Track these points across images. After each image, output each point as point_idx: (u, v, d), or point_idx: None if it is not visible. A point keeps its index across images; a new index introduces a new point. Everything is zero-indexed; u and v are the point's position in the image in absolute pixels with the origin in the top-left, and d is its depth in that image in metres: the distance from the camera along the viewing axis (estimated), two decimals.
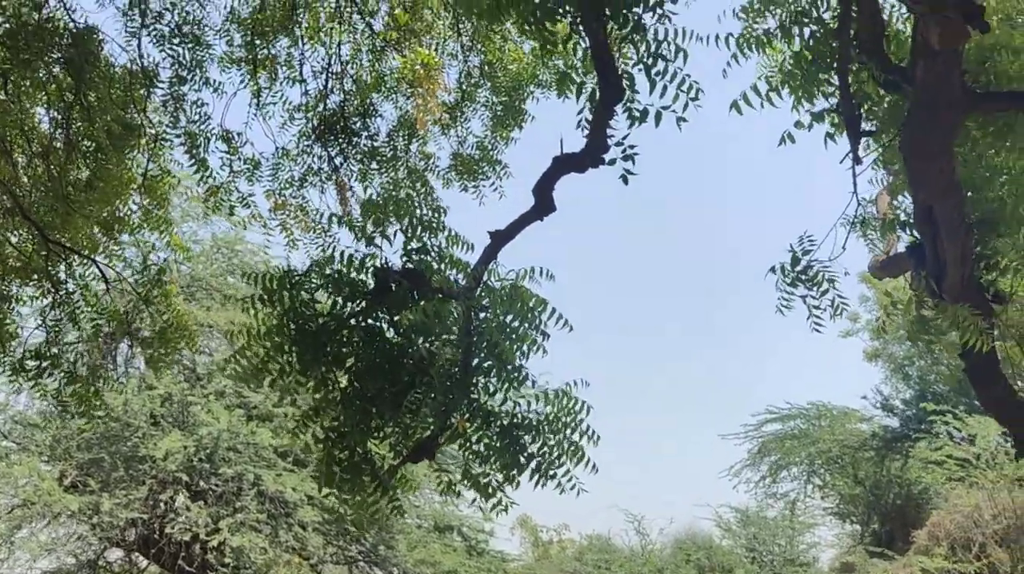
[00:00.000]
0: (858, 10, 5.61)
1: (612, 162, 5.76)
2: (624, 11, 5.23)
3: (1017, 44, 5.94)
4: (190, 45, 9.52)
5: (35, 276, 9.58)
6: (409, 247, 6.03)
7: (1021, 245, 6.57)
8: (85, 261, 9.64)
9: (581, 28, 5.39)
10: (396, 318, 5.96)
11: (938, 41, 4.73)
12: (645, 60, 5.44)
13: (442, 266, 6.02)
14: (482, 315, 5.82)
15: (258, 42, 10.11)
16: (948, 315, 5.86)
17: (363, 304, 6.00)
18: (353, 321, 5.99)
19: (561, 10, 5.25)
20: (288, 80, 10.50)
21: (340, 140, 10.48)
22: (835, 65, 5.88)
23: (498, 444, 5.78)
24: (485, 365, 5.77)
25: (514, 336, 5.71)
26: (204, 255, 24.33)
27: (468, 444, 5.83)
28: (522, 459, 5.73)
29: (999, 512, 19.63)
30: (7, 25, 8.95)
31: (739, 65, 6.04)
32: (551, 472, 5.67)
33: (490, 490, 5.82)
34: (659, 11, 5.29)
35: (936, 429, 25.02)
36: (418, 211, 6.05)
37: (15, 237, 9.70)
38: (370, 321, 6.01)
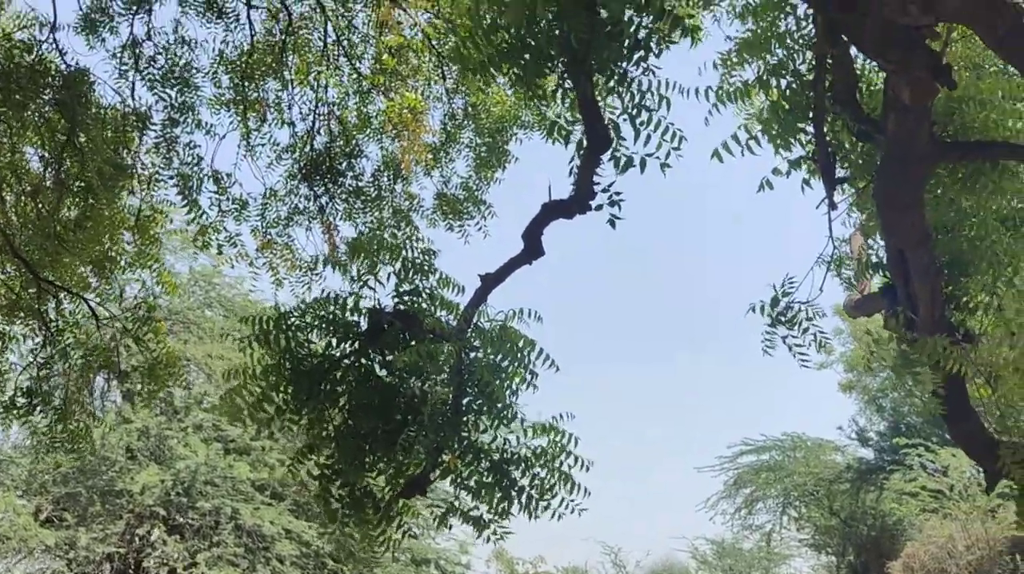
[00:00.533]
0: (832, 63, 5.86)
1: (599, 208, 5.98)
2: (610, 65, 5.47)
3: (983, 95, 6.22)
4: (181, 88, 9.70)
5: (22, 314, 9.70)
6: (401, 289, 6.23)
7: (990, 285, 6.82)
8: (75, 298, 9.77)
9: (568, 81, 5.62)
10: (389, 358, 6.14)
11: (908, 97, 4.99)
12: (630, 110, 5.68)
13: (433, 307, 6.21)
14: (472, 355, 6.00)
15: (247, 85, 10.32)
16: (926, 348, 6.10)
17: (356, 344, 6.18)
18: (347, 361, 6.16)
19: (549, 65, 5.48)
20: (276, 122, 10.70)
21: (326, 180, 10.69)
22: (811, 115, 6.12)
23: (489, 479, 5.95)
24: (476, 404, 5.96)
25: (504, 375, 5.90)
26: (182, 288, 24.35)
27: (459, 480, 5.99)
28: (512, 493, 5.90)
29: (972, 543, 19.88)
30: None
31: (719, 114, 6.29)
32: (543, 503, 5.83)
33: (482, 524, 5.98)
34: (643, 65, 5.54)
35: (910, 461, 25.31)
36: (409, 254, 6.24)
37: (4, 275, 9.82)
38: (363, 361, 6.18)
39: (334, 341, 6.17)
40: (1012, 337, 6.37)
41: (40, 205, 9.44)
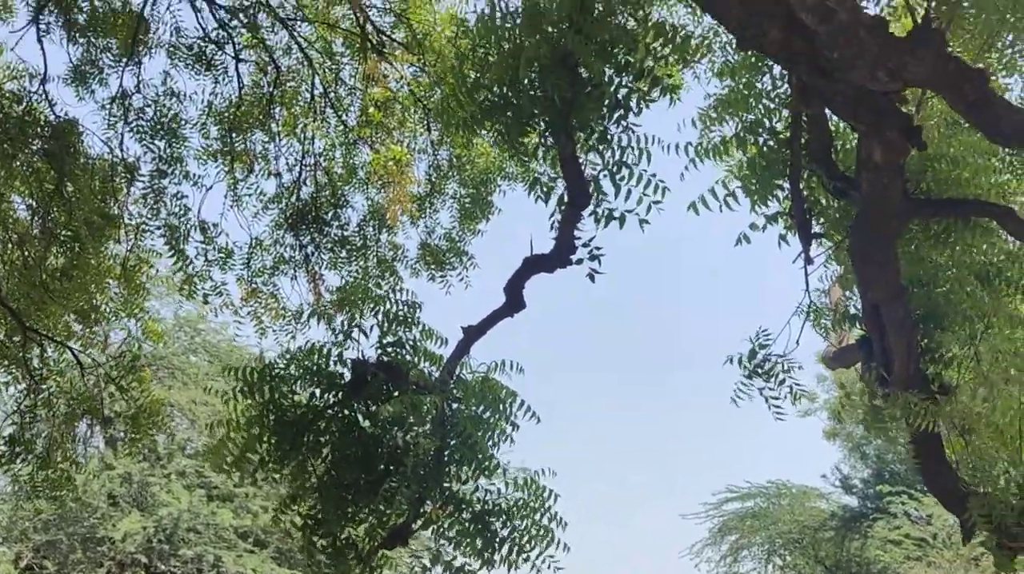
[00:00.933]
0: (808, 122, 6.01)
1: (580, 262, 6.09)
2: (591, 123, 5.60)
3: (954, 153, 6.37)
4: (169, 139, 9.82)
5: (6, 362, 9.73)
6: (384, 340, 6.30)
7: (964, 339, 6.93)
8: (59, 347, 9.81)
9: (550, 138, 5.74)
10: (372, 409, 6.20)
11: (880, 157, 5.12)
12: (610, 167, 5.80)
13: (417, 359, 6.28)
14: (455, 407, 6.08)
15: (235, 136, 10.44)
16: (898, 403, 6.19)
17: (340, 395, 6.24)
18: (330, 412, 6.22)
19: (531, 122, 5.61)
20: (263, 172, 10.82)
21: (312, 230, 10.79)
22: (787, 172, 6.26)
23: (470, 530, 6.00)
24: (458, 455, 6.01)
25: (485, 427, 5.97)
26: (167, 334, 24.36)
27: (441, 530, 6.04)
28: (493, 544, 5.95)
29: None
30: None
31: (697, 170, 6.42)
32: (524, 555, 5.88)
33: None
34: (623, 123, 5.67)
35: (894, 508, 25.33)
36: (393, 306, 6.32)
37: None
38: (346, 412, 6.24)
39: (317, 392, 6.23)
40: (985, 390, 6.48)
41: (27, 254, 9.50)
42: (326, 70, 11.19)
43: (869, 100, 4.76)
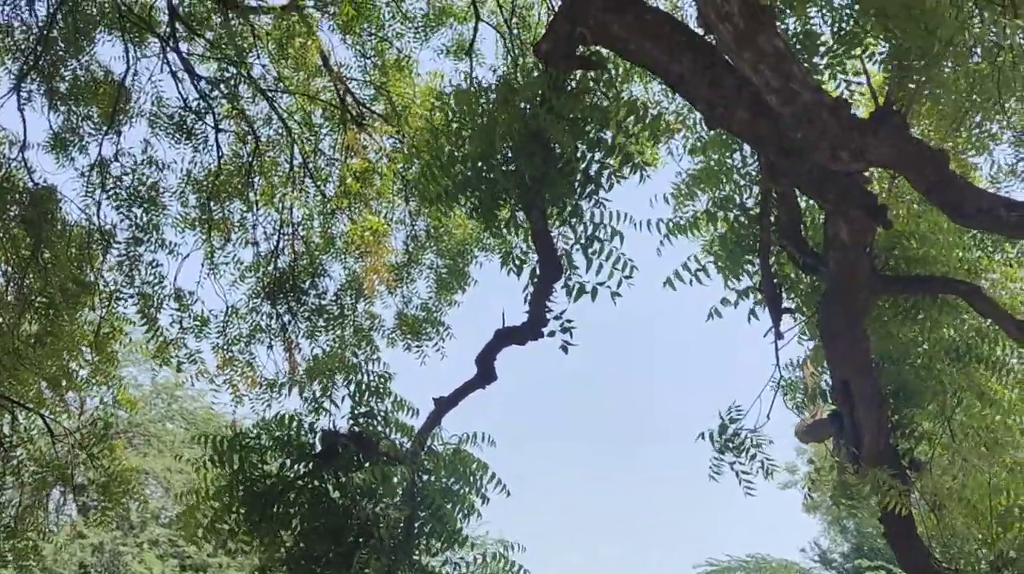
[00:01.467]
0: (777, 198, 6.09)
1: (551, 334, 6.11)
2: (563, 199, 5.67)
3: (922, 231, 6.46)
4: (147, 207, 9.86)
5: None
6: (356, 411, 6.30)
7: (936, 414, 6.96)
8: (31, 414, 9.72)
9: (522, 213, 5.80)
10: (343, 480, 6.18)
11: (847, 235, 5.21)
12: (582, 241, 5.85)
13: (388, 430, 6.27)
14: (425, 478, 6.06)
15: (213, 205, 10.50)
16: (868, 480, 6.20)
17: (310, 466, 6.22)
18: (300, 482, 6.19)
19: (504, 197, 5.67)
20: (241, 241, 10.86)
21: (289, 298, 10.80)
22: (757, 248, 6.33)
23: None
24: (428, 527, 5.99)
25: (456, 499, 5.96)
26: (144, 400, 24.23)
27: None
28: None
29: None
30: None
31: (671, 244, 6.48)
32: None
33: None
34: (595, 198, 5.73)
35: None
36: (365, 377, 6.33)
37: None
38: (316, 483, 6.21)
39: (288, 462, 6.20)
40: (956, 466, 6.50)
41: (1, 320, 9.45)
42: (305, 140, 11.31)
43: (834, 179, 4.84)
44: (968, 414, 6.90)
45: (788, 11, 5.61)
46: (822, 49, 5.35)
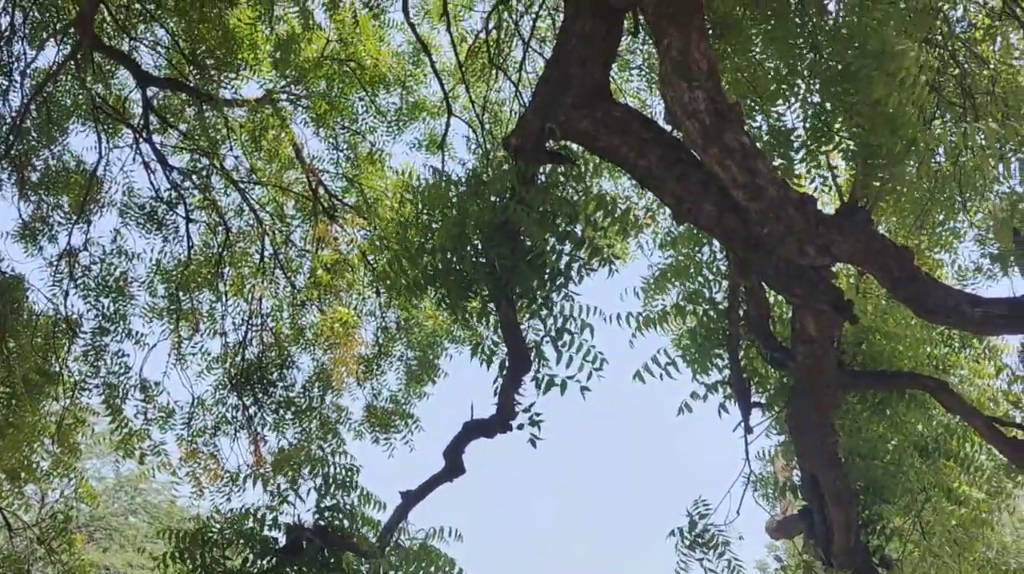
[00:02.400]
0: (746, 293, 6.14)
1: (520, 427, 6.06)
2: (532, 291, 5.67)
3: (889, 328, 6.52)
4: (115, 297, 9.81)
5: None
6: (322, 505, 6.20)
7: (905, 511, 6.94)
8: None
9: (492, 305, 5.80)
10: None
11: (814, 330, 5.24)
12: (552, 333, 5.84)
13: (354, 524, 6.17)
14: None
15: (182, 295, 10.46)
16: None
17: (274, 561, 6.08)
18: None
19: (473, 289, 5.67)
20: (209, 332, 10.80)
21: (256, 390, 10.71)
22: (726, 342, 6.36)
23: None
24: None
25: None
26: (106, 493, 23.80)
27: None
28: None
29: None
30: None
31: (644, 337, 6.49)
32: None
33: None
34: (564, 291, 5.74)
35: None
36: (332, 469, 6.24)
37: None
38: None
39: (251, 557, 6.07)
40: (927, 564, 6.47)
41: None
42: (277, 232, 11.33)
43: (801, 274, 4.87)
44: (937, 511, 6.90)
45: (757, 109, 5.72)
46: (796, 144, 5.42)
